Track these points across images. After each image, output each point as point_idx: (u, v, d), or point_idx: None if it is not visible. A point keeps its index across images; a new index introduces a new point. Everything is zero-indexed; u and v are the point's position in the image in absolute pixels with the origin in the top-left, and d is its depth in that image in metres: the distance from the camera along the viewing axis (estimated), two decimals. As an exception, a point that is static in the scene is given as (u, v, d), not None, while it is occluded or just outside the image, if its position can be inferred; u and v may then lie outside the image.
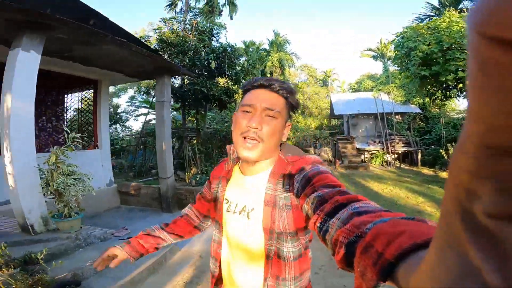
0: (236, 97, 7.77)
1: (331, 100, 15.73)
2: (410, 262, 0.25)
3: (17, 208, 2.92)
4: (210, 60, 6.45)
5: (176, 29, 7.43)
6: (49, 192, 2.98)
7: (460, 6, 9.53)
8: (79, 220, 3.07)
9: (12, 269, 1.98)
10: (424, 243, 0.26)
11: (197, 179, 6.09)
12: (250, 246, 0.77)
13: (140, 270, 2.37)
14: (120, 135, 16.13)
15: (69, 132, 3.20)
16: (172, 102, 7.27)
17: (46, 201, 3.10)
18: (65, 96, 6.10)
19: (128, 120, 20.02)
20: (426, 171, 9.62)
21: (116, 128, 17.89)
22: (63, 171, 2.95)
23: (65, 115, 6.04)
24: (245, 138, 0.73)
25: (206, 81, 6.57)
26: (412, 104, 13.37)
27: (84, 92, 6.01)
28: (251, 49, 18.71)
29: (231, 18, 12.42)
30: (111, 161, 6.14)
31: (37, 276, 1.96)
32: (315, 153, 13.03)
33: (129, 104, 19.49)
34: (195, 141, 8.92)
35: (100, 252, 0.89)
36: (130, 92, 19.82)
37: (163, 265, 2.72)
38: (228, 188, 0.84)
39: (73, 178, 3.00)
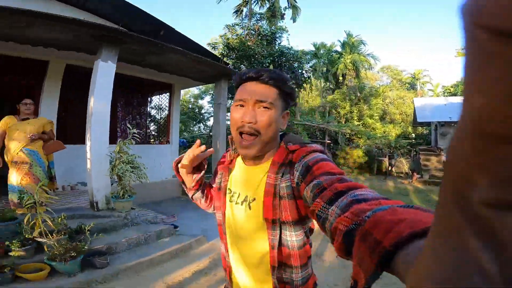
0: (297, 100, 7.70)
1: (414, 105, 13.75)
2: (408, 251, 0.25)
3: (90, 188, 3.67)
4: (267, 64, 6.59)
5: (240, 34, 7.88)
6: (114, 177, 3.64)
7: None
8: (130, 202, 3.63)
9: (62, 236, 2.53)
10: (422, 232, 0.25)
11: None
12: (253, 236, 0.77)
13: (162, 253, 2.66)
14: (202, 133, 18.06)
15: (131, 128, 3.83)
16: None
17: (112, 184, 3.79)
18: (148, 98, 7.27)
19: (209, 120, 22.27)
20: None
21: (199, 127, 19.92)
22: (124, 160, 3.55)
23: (147, 114, 7.19)
24: (241, 134, 0.74)
25: (264, 84, 6.76)
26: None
27: (162, 95, 7.05)
28: (321, 51, 18.07)
29: (294, 21, 12.33)
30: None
31: (74, 244, 2.44)
32: (390, 164, 11.63)
33: (211, 105, 21.59)
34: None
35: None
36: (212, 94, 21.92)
37: (186, 252, 2.96)
38: (231, 178, 0.85)
39: (130, 166, 3.57)
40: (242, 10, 11.28)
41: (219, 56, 7.09)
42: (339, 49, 18.97)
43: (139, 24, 5.11)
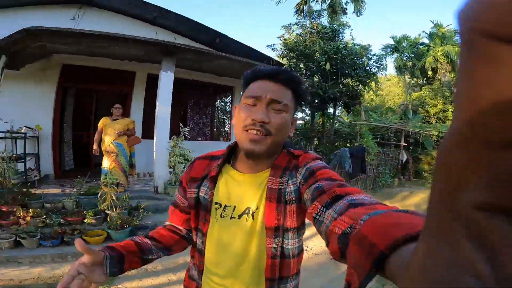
0: (361, 99, 7.17)
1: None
2: (402, 254, 0.25)
3: (154, 175, 4.46)
4: (323, 62, 6.38)
5: (300, 34, 7.85)
6: (169, 166, 4.33)
7: None
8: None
9: (122, 210, 3.22)
10: (416, 235, 0.25)
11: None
12: (252, 249, 0.72)
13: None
14: None
15: (183, 126, 4.47)
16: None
17: (170, 172, 4.50)
18: (213, 99, 8.11)
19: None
20: None
21: None
22: (176, 153, 4.19)
23: (212, 113, 8.04)
24: (248, 130, 0.68)
25: (322, 84, 6.58)
26: None
27: (225, 97, 7.78)
28: (404, 45, 15.90)
29: (357, 15, 11.28)
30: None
31: (127, 217, 3.07)
32: None
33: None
34: (318, 142, 9.04)
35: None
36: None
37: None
38: (218, 190, 0.76)
39: (182, 158, 4.18)
40: (303, 9, 11.12)
41: (277, 58, 7.30)
42: (426, 41, 16.39)
43: (199, 34, 5.84)
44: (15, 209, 3.06)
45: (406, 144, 9.28)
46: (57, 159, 5.21)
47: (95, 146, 4.19)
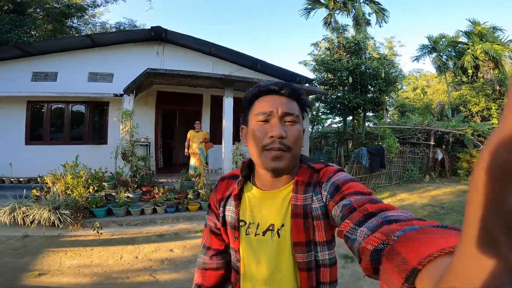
0: (384, 105, 8.32)
1: None
2: (435, 268, 0.24)
3: (223, 168, 6.41)
4: (345, 76, 7.77)
5: (327, 49, 9.27)
6: (232, 162, 6.24)
7: None
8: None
9: (208, 189, 5.15)
10: (450, 250, 0.25)
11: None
12: (282, 265, 0.70)
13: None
14: None
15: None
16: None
17: (233, 166, 6.41)
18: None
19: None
20: None
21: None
22: (237, 153, 6.08)
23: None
24: (269, 150, 0.67)
25: (346, 94, 7.98)
26: None
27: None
28: (440, 44, 15.92)
29: (380, 25, 11.82)
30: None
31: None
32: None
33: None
34: (350, 144, 10.29)
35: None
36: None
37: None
38: (243, 207, 0.76)
39: (241, 156, 6.06)
40: (330, 22, 12.11)
41: (308, 72, 8.85)
42: (464, 40, 16.18)
43: (244, 61, 7.78)
44: (151, 189, 5.22)
45: (434, 143, 9.98)
46: (157, 160, 7.52)
47: (186, 150, 6.28)
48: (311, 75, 9.53)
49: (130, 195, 5.02)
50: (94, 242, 3.72)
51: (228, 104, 6.44)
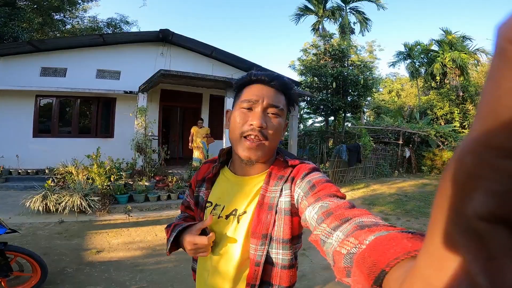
0: (361, 109, 9.50)
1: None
2: (401, 270, 0.26)
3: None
4: (330, 82, 8.85)
5: (314, 54, 10.30)
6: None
7: None
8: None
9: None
10: (417, 253, 0.24)
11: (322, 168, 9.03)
12: (235, 252, 0.72)
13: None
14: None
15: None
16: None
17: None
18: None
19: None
20: None
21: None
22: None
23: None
24: (246, 137, 0.68)
25: (329, 97, 9.08)
26: None
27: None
28: (415, 52, 17.51)
29: (363, 34, 13.12)
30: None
31: None
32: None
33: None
34: (331, 142, 11.46)
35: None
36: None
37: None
38: (214, 190, 0.80)
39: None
40: (318, 28, 13.19)
41: (296, 75, 9.83)
42: (436, 48, 17.86)
43: (240, 64, 8.64)
44: (164, 178, 5.94)
45: (403, 143, 11.41)
46: (161, 153, 8.16)
47: (190, 144, 7.01)
48: (299, 79, 10.52)
49: (146, 183, 5.73)
50: (126, 224, 4.39)
51: (229, 103, 7.25)
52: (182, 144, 9.28)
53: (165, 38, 7.94)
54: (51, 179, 5.25)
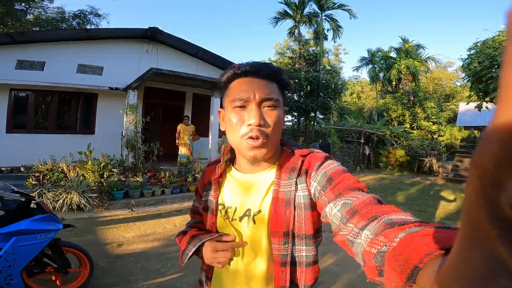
0: (331, 111, 10.58)
1: (459, 110, 14.54)
2: (435, 265, 0.25)
3: (209, 158, 7.66)
4: (304, 85, 9.76)
5: (290, 57, 11.11)
6: (219, 152, 7.58)
7: None
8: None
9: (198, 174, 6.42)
10: (451, 248, 0.23)
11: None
12: (256, 254, 0.69)
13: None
14: None
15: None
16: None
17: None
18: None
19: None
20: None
21: None
22: (222, 145, 7.42)
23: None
24: (247, 138, 0.64)
25: (303, 99, 10.00)
26: None
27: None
28: (376, 58, 19.32)
29: (335, 41, 14.43)
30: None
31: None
32: (430, 165, 12.95)
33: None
34: (301, 140, 12.44)
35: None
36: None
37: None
38: (223, 192, 0.76)
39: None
40: (294, 32, 14.05)
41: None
42: (394, 55, 19.78)
43: (223, 64, 9.14)
44: (156, 173, 6.20)
45: (364, 142, 12.84)
46: (154, 149, 8.24)
47: (177, 140, 7.28)
48: None
49: (139, 179, 5.96)
50: (130, 219, 4.62)
51: (216, 103, 7.67)
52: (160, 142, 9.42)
53: (152, 36, 8.01)
54: (31, 177, 5.17)
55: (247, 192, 0.72)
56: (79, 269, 2.47)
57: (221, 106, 0.76)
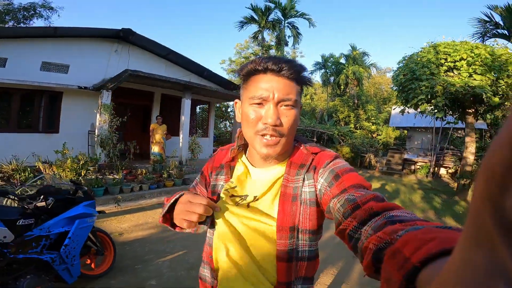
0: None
1: (391, 113, 17.21)
2: (435, 267, 0.25)
3: (180, 156, 8.16)
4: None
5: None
6: (190, 150, 8.10)
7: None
8: (195, 162, 8.12)
9: (178, 171, 6.98)
10: (452, 249, 0.23)
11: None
12: (261, 245, 0.69)
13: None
14: (228, 130, 21.94)
15: (197, 128, 8.28)
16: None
17: (189, 153, 8.25)
18: (196, 109, 11.74)
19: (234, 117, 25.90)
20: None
21: (225, 124, 22.51)
22: (192, 143, 8.00)
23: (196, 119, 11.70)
24: (262, 135, 0.66)
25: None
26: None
27: (204, 109, 11.50)
28: (329, 63, 21.36)
29: (294, 47, 15.96)
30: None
31: (180, 173, 6.85)
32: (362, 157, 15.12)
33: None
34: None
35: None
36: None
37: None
38: (236, 179, 0.76)
39: (197, 145, 8.00)
40: (258, 37, 15.05)
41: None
42: (343, 61, 21.73)
43: (192, 67, 9.64)
44: (132, 171, 6.53)
45: (316, 140, 14.45)
46: (131, 148, 8.32)
47: (151, 139, 7.60)
48: (228, 77, 11.99)
49: (118, 176, 6.24)
50: (118, 212, 4.92)
51: (187, 104, 8.18)
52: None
53: (123, 37, 8.12)
54: None
55: (256, 185, 0.73)
56: (106, 252, 2.65)
57: (239, 98, 0.75)
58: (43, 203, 2.03)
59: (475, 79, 6.22)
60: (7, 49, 6.68)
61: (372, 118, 21.06)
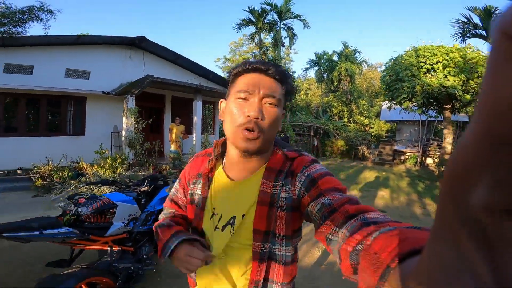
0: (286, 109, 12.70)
1: (382, 107, 18.35)
2: (407, 265, 0.26)
3: (195, 152, 9.05)
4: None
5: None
6: (203, 147, 9.00)
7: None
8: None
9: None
10: (422, 248, 0.24)
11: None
12: (237, 250, 0.73)
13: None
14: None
15: (209, 127, 9.19)
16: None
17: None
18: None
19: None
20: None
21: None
22: (205, 141, 8.90)
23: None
24: (243, 129, 0.67)
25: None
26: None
27: (209, 107, 12.36)
28: (322, 61, 22.26)
29: (290, 48, 16.80)
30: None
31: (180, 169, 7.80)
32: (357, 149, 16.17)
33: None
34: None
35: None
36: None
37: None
38: (211, 193, 0.76)
39: (208, 144, 8.91)
40: (255, 38, 15.84)
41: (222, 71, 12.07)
42: (336, 59, 22.53)
43: (200, 70, 10.47)
44: (157, 167, 7.44)
45: (312, 134, 15.49)
46: (155, 147, 9.11)
47: (169, 137, 8.46)
48: (224, 75, 12.92)
49: (145, 173, 7.13)
50: None
51: (198, 106, 9.06)
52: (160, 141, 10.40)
53: (139, 44, 8.89)
54: (40, 178, 5.85)
55: (234, 199, 0.73)
56: None
57: (225, 98, 0.77)
58: (146, 188, 2.67)
59: (448, 80, 7.28)
60: (33, 57, 7.34)
61: (365, 112, 22.11)
